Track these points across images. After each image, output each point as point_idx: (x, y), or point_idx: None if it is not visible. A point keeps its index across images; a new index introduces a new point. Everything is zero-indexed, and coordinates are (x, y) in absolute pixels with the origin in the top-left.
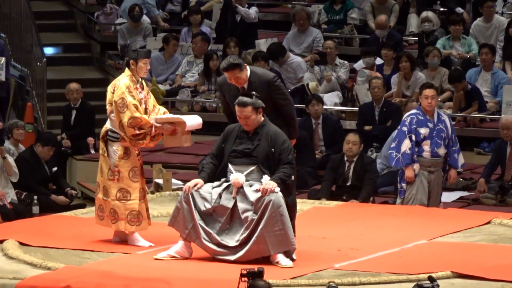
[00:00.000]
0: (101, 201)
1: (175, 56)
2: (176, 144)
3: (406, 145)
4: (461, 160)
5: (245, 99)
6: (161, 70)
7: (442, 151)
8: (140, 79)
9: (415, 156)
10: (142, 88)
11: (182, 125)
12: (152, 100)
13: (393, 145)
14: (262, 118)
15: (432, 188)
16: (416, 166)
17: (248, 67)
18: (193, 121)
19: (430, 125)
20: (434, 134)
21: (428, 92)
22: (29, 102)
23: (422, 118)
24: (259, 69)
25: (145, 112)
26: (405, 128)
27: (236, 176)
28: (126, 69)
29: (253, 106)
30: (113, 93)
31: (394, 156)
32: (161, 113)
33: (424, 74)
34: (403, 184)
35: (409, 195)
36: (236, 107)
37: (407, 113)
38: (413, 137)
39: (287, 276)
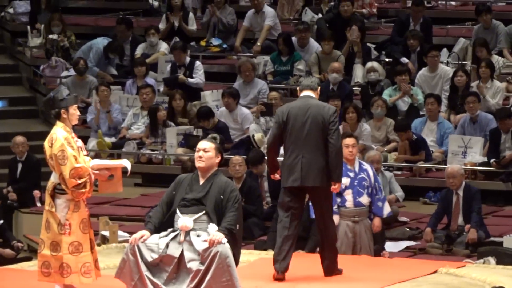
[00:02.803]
0: (48, 257)
1: (112, 105)
2: (112, 190)
3: None
4: (386, 208)
5: (215, 136)
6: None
7: (365, 200)
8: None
9: (336, 207)
10: (82, 140)
11: (118, 170)
12: None
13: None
14: (217, 168)
15: (360, 238)
16: (336, 218)
17: None
18: (128, 164)
19: (351, 174)
20: (355, 183)
21: (349, 141)
22: None
23: (343, 168)
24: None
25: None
26: None
27: (184, 220)
28: (57, 121)
29: (217, 147)
30: (51, 147)
31: (311, 208)
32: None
33: (370, 124)
34: None
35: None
36: (201, 141)
37: None
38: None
39: None
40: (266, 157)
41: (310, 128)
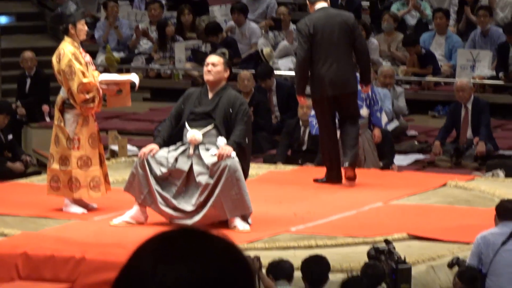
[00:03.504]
0: (57, 171)
1: (120, 20)
2: (121, 104)
3: None
4: (384, 118)
5: (223, 51)
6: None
7: (364, 112)
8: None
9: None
10: (91, 56)
11: (126, 85)
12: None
13: (312, 112)
14: (225, 82)
15: (364, 151)
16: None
17: None
18: (136, 79)
19: None
20: None
21: None
22: None
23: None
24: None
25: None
26: None
27: (193, 133)
28: (65, 37)
29: (225, 61)
30: (58, 62)
31: (314, 124)
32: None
33: (380, 39)
34: None
35: None
36: (210, 55)
37: None
38: None
39: (244, 240)
40: (295, 73)
41: (339, 36)
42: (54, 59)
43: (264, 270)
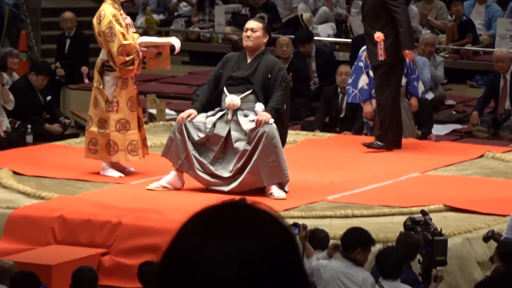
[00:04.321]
0: (95, 134)
1: None
2: (160, 67)
3: (363, 80)
4: (420, 87)
5: (263, 16)
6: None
7: (402, 80)
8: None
9: (373, 91)
10: (131, 18)
11: (166, 48)
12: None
13: (350, 80)
14: (264, 47)
15: (402, 119)
16: (374, 101)
17: None
18: (176, 43)
19: None
20: None
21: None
22: (23, 31)
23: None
24: None
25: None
26: (361, 64)
27: (232, 98)
28: None
29: (265, 27)
30: (99, 23)
31: (351, 92)
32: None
33: (421, 6)
34: (369, 121)
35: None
36: (249, 21)
37: (363, 48)
38: (370, 73)
39: (280, 208)
40: (407, 29)
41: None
42: (94, 20)
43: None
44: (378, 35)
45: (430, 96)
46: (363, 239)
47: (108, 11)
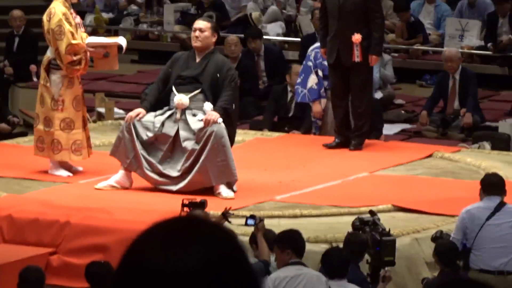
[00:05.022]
0: (42, 132)
1: None
2: (108, 67)
3: (312, 80)
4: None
5: (211, 15)
6: None
7: None
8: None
9: (322, 90)
10: (76, 13)
11: (113, 48)
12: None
13: (299, 80)
14: (213, 47)
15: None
16: (323, 101)
17: None
18: (123, 42)
19: None
20: None
21: None
22: None
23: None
24: None
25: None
26: (310, 63)
27: (180, 97)
28: None
29: (213, 26)
30: (49, 21)
31: (300, 92)
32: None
33: None
34: (318, 120)
35: (327, 128)
36: (197, 20)
37: (312, 47)
38: (320, 72)
39: (229, 207)
40: (380, 35)
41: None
42: (44, 17)
43: (246, 239)
44: (357, 37)
45: (379, 95)
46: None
47: (58, 9)
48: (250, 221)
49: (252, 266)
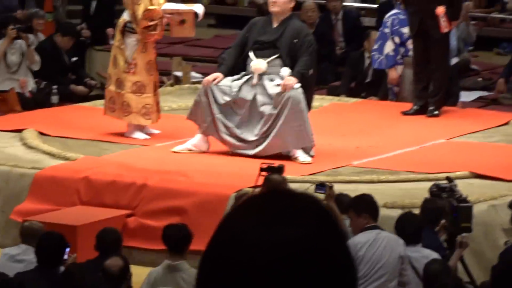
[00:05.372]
0: (113, 93)
1: None
2: (184, 34)
3: (389, 46)
4: None
5: None
6: None
7: None
8: None
9: (399, 57)
10: None
11: (190, 15)
12: None
13: (375, 46)
14: (290, 12)
15: None
16: (399, 68)
17: None
18: (200, 10)
19: None
20: None
21: None
22: None
23: (403, 17)
24: None
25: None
26: (387, 30)
27: (257, 62)
28: None
29: None
30: None
31: (376, 58)
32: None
33: None
34: (394, 87)
35: (403, 94)
36: None
37: (388, 14)
38: (396, 39)
39: (305, 172)
40: None
41: None
42: None
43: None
44: (442, 9)
45: (455, 61)
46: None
47: None
48: (320, 189)
49: (348, 243)
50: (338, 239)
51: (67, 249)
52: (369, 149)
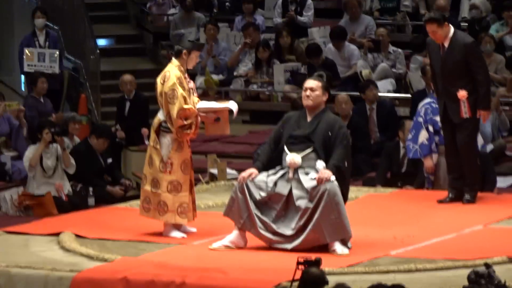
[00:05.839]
0: (149, 193)
1: (218, 43)
2: (220, 132)
3: (423, 135)
4: (480, 140)
5: (321, 74)
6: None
7: None
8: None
9: (433, 145)
10: (190, 78)
11: (224, 113)
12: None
13: (410, 136)
14: (324, 106)
15: None
16: (435, 156)
17: (451, 27)
18: (234, 107)
19: None
20: None
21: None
22: (83, 94)
23: (436, 106)
24: (461, 32)
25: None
26: (420, 119)
27: (292, 156)
28: (174, 59)
29: (324, 85)
30: (163, 84)
31: (411, 148)
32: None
33: None
34: (430, 176)
35: (439, 182)
36: (308, 79)
37: (422, 103)
38: (430, 128)
39: (344, 264)
40: (487, 87)
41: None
42: (158, 80)
43: None
44: (463, 93)
45: (490, 147)
46: None
47: (173, 73)
48: None
49: None
50: None
51: None
52: (406, 239)
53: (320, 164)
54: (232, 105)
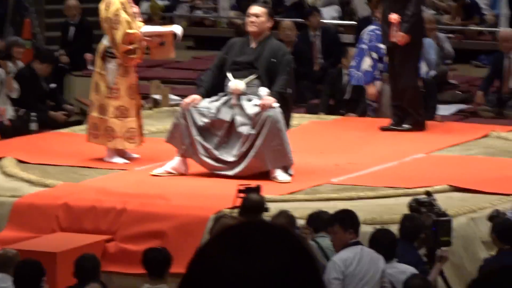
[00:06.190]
0: (96, 119)
1: None
2: (164, 56)
3: (366, 62)
4: (423, 68)
5: (266, 0)
6: None
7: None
8: None
9: (377, 73)
10: (134, 3)
11: (169, 36)
12: None
13: (353, 63)
14: (269, 32)
15: None
16: (378, 83)
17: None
18: (179, 31)
19: None
20: None
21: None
22: (28, 18)
23: (380, 33)
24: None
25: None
26: (364, 46)
27: (235, 82)
28: None
29: (268, 11)
30: (106, 10)
31: (354, 74)
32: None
33: None
34: (373, 103)
35: (382, 110)
36: (253, 6)
37: (365, 30)
38: (374, 55)
39: (285, 191)
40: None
41: None
42: (102, 6)
43: (303, 222)
44: (395, 17)
45: (432, 74)
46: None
47: None
48: None
49: (320, 271)
50: (312, 271)
51: (44, 277)
52: (348, 166)
53: (263, 90)
54: (177, 29)
